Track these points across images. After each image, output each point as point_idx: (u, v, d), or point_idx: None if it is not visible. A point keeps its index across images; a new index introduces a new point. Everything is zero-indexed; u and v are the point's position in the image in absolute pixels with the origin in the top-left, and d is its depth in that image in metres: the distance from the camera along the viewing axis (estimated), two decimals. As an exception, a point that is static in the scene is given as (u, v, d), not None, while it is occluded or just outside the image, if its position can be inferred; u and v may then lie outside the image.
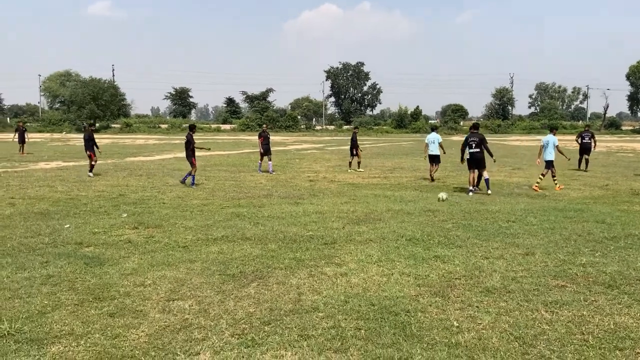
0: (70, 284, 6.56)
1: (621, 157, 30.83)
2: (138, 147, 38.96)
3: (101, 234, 9.32)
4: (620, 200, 13.43)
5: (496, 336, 5.01)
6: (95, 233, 9.40)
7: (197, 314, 5.58)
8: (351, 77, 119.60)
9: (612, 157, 30.43)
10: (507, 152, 35.72)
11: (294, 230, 9.60)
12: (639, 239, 8.95)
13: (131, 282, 6.65)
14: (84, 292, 6.26)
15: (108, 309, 5.71)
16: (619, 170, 22.22)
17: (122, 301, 5.95)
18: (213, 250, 8.18)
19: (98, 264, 7.40)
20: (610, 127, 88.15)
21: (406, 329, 5.16)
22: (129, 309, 5.71)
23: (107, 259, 7.71)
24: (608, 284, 6.52)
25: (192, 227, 9.95)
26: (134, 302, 5.92)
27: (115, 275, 6.93)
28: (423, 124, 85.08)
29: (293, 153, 33.81)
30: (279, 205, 12.46)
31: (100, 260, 7.60)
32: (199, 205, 12.43)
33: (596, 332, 5.10)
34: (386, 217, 10.90)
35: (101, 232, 9.51)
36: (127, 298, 6.06)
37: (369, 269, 7.22)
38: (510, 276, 6.85)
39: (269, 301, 5.96)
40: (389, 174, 20.58)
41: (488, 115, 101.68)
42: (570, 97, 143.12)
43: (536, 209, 11.83)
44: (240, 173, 20.25)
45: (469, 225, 10.06)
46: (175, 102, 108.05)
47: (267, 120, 79.67)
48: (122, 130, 73.50)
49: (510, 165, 24.60)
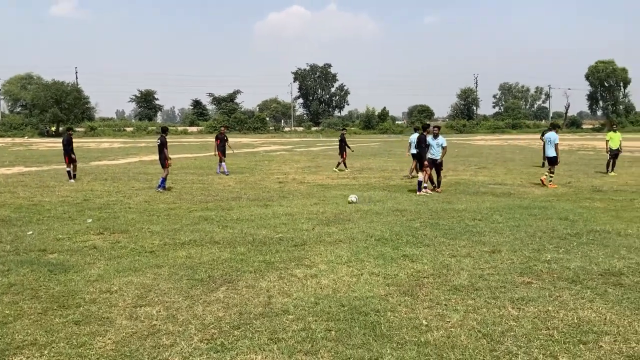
0: (34, 292, 6.39)
1: (582, 155, 31.61)
2: (103, 151, 38.26)
3: (65, 240, 9.11)
4: (582, 197, 13.77)
5: (464, 334, 5.07)
6: (60, 239, 9.19)
7: (165, 320, 5.50)
8: (319, 78, 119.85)
9: (573, 155, 31.17)
10: (472, 151, 36.27)
11: (263, 233, 9.55)
12: (600, 234, 9.18)
13: (97, 288, 6.51)
14: (48, 300, 6.11)
15: (73, 316, 5.58)
16: (580, 168, 22.78)
17: (88, 308, 5.83)
18: (181, 255, 8.08)
19: (62, 271, 7.23)
20: (571, 126, 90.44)
21: (376, 329, 5.19)
22: (95, 317, 5.59)
23: (71, 265, 7.54)
24: (572, 280, 6.67)
25: (159, 231, 9.81)
26: (100, 309, 5.80)
27: (81, 282, 6.78)
28: (390, 124, 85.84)
29: (262, 155, 33.68)
30: (247, 208, 12.38)
31: (65, 267, 7.42)
32: (165, 210, 12.27)
33: (561, 327, 5.20)
34: (355, 218, 10.94)
35: (65, 238, 9.30)
36: (92, 305, 5.93)
37: (339, 269, 7.23)
38: (478, 274, 6.95)
39: (239, 305, 5.91)
40: (357, 174, 20.67)
41: (453, 116, 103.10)
42: (533, 97, 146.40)
43: (501, 207, 12.04)
44: (208, 176, 20.07)
45: (436, 224, 10.17)
46: (140, 105, 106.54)
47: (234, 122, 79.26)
48: (86, 134, 72.02)
49: (476, 164, 24.98)
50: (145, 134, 75.95)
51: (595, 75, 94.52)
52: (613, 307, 5.70)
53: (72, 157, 18.51)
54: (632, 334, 5.02)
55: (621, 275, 6.80)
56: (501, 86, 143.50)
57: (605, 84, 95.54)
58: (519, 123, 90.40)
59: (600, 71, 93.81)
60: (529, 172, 20.93)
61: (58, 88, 74.77)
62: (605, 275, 6.82)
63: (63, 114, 73.79)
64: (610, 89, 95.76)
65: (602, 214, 11.22)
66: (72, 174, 18.41)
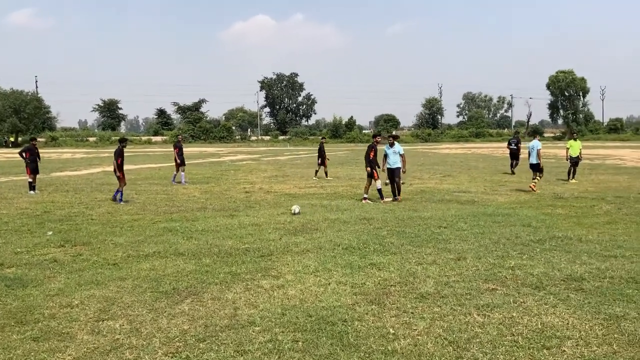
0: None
1: (544, 162, 32.23)
2: (64, 162, 37.42)
3: (24, 254, 8.85)
4: (544, 204, 14.06)
5: (431, 341, 5.09)
6: (18, 253, 8.92)
7: (128, 334, 5.37)
8: (285, 87, 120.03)
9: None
10: (437, 160, 36.76)
11: (229, 244, 9.45)
12: (562, 241, 9.38)
13: (57, 303, 6.33)
14: (5, 316, 5.90)
15: (32, 332, 5.40)
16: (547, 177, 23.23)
17: (47, 324, 5.65)
18: (144, 267, 7.92)
19: (21, 286, 7.01)
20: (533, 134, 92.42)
21: (343, 338, 5.17)
22: (55, 332, 5.42)
23: (30, 279, 7.31)
24: (535, 286, 6.78)
25: (122, 243, 9.62)
26: (60, 325, 5.63)
27: (40, 296, 6.58)
28: (357, 133, 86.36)
29: (228, 164, 33.43)
30: (213, 219, 12.25)
31: (23, 282, 7.20)
32: (129, 221, 12.04)
33: (525, 332, 5.27)
34: (323, 227, 10.93)
35: (24, 251, 9.03)
36: (52, 320, 5.76)
37: (306, 279, 7.19)
38: (444, 281, 7.01)
39: (204, 317, 5.82)
40: (325, 183, 20.70)
41: (419, 125, 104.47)
42: (496, 106, 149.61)
43: (466, 215, 12.19)
44: (172, 186, 19.81)
45: (402, 232, 10.24)
46: (103, 115, 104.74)
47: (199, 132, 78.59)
48: (47, 144, 70.28)
49: (441, 172, 25.30)
50: (109, 144, 74.55)
51: (555, 85, 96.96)
52: (575, 312, 5.81)
53: (35, 167, 18.05)
54: (594, 338, 5.11)
55: (582, 281, 6.94)
56: (465, 96, 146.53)
57: (566, 93, 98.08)
58: (483, 132, 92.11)
59: (560, 81, 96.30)
60: (492, 180, 21.30)
61: (17, 97, 73.06)
62: (567, 281, 6.95)
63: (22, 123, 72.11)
64: (570, 98, 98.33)
65: (564, 221, 11.47)
66: (33, 185, 17.93)
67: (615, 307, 5.94)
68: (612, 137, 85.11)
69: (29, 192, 17.52)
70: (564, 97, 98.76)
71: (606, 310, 5.83)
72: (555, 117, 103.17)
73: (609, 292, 6.44)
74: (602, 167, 27.98)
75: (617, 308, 5.90)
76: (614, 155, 38.96)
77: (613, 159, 34.65)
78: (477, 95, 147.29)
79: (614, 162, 32.19)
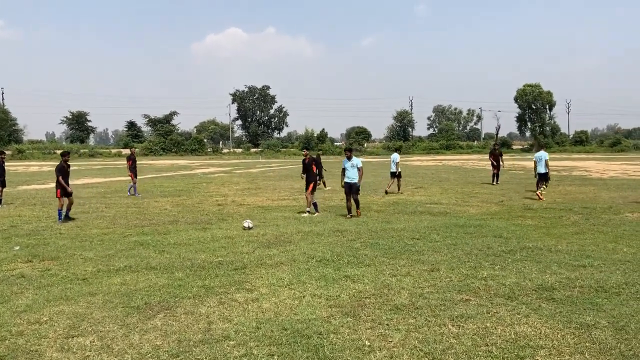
0: (-47, 326, 5.97)
1: (513, 174, 32.86)
2: (31, 175, 36.62)
3: (-11, 270, 8.60)
4: (514, 215, 14.27)
5: (407, 353, 5.10)
6: (-17, 269, 8.66)
7: (99, 350, 5.25)
8: (257, 100, 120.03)
9: (505, 174, 32.32)
10: (409, 172, 37.06)
11: (202, 257, 9.34)
12: (532, 251, 9.53)
13: (25, 320, 6.16)
14: (-31, 334, 5.72)
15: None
16: (512, 187, 23.64)
17: (15, 342, 5.49)
18: (115, 282, 7.77)
19: (-14, 303, 6.80)
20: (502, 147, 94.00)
21: (319, 351, 5.14)
22: (22, 350, 5.27)
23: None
24: (508, 296, 6.86)
25: (92, 257, 9.43)
26: (28, 342, 5.47)
27: (7, 313, 6.40)
28: (329, 146, 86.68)
29: (200, 177, 33.13)
30: (185, 232, 12.10)
31: (-11, 299, 6.98)
32: (99, 235, 11.81)
33: (499, 342, 5.32)
34: (296, 239, 10.89)
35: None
36: (19, 338, 5.59)
37: (281, 292, 7.14)
38: (418, 292, 7.04)
39: (177, 332, 5.72)
40: (298, 195, 20.65)
41: (390, 137, 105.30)
42: (465, 119, 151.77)
43: (439, 226, 12.30)
44: (143, 199, 19.53)
45: (376, 244, 10.27)
46: (72, 127, 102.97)
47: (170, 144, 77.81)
48: (13, 157, 68.68)
49: (413, 184, 25.49)
50: (77, 156, 73.36)
51: (523, 98, 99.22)
52: (547, 322, 5.89)
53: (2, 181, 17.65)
54: (566, 347, 5.19)
55: (553, 290, 7.05)
56: (435, 108, 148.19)
57: (533, 107, 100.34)
58: (453, 144, 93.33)
59: (527, 94, 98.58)
60: (463, 191, 21.55)
61: (-18, 109, 71.50)
62: (538, 291, 7.06)
63: (-12, 136, 70.53)
64: (537, 111, 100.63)
65: (534, 231, 11.66)
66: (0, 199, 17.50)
67: (586, 316, 6.05)
68: (578, 149, 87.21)
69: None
70: (531, 110, 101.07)
71: (577, 319, 5.93)
72: (523, 129, 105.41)
73: (580, 302, 6.56)
74: (569, 178, 28.58)
75: (587, 317, 6.00)
76: (579, 167, 39.89)
77: (579, 171, 35.45)
78: (447, 108, 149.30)
79: (580, 173, 32.92)
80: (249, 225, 12.40)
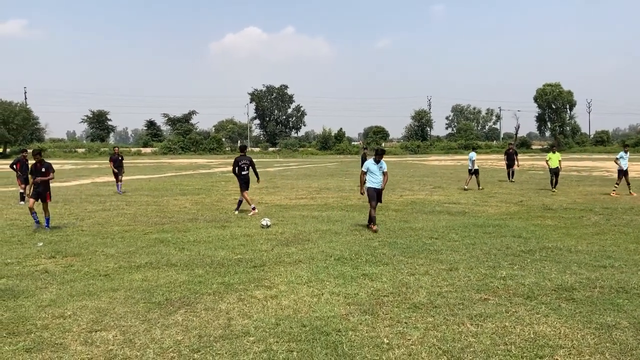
0: (-20, 319, 6.12)
1: (533, 174, 32.58)
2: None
3: (15, 265, 8.78)
4: (534, 215, 14.17)
5: (425, 351, 5.11)
6: (8, 264, 8.85)
7: (121, 345, 5.35)
8: (275, 99, 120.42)
9: (524, 174, 32.08)
10: (427, 171, 36.92)
11: (221, 254, 9.44)
12: (552, 251, 9.46)
13: (49, 314, 6.29)
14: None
15: (24, 344, 5.36)
16: (531, 187, 23.45)
17: (40, 335, 5.61)
18: (137, 278, 7.89)
19: (12, 297, 6.96)
20: (521, 147, 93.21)
21: (338, 348, 5.17)
22: (48, 343, 5.39)
23: (21, 290, 7.26)
24: (527, 295, 6.83)
25: (114, 254, 9.57)
26: (53, 335, 5.59)
27: (32, 307, 6.54)
28: (347, 145, 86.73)
29: (218, 176, 33.36)
30: (205, 230, 12.22)
31: (15, 293, 7.14)
32: (120, 232, 11.98)
33: (518, 341, 5.31)
34: (314, 238, 10.94)
35: (15, 262, 8.96)
36: (45, 331, 5.72)
37: (299, 290, 7.20)
38: (436, 291, 7.04)
39: (198, 328, 5.80)
40: (315, 194, 20.71)
41: (408, 137, 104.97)
42: (484, 118, 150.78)
43: (457, 226, 12.26)
44: (163, 197, 19.73)
45: (394, 243, 10.27)
46: (92, 126, 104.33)
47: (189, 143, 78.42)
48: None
49: (431, 184, 25.42)
50: (98, 155, 74.33)
51: (543, 98, 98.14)
52: (567, 322, 5.86)
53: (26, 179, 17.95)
54: (586, 347, 5.16)
55: (573, 290, 7.01)
56: (454, 108, 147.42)
57: (553, 106, 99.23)
58: (472, 144, 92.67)
59: (547, 94, 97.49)
60: (482, 191, 21.42)
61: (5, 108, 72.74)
62: (558, 291, 7.02)
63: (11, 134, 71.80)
64: (557, 110, 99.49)
65: (553, 232, 11.57)
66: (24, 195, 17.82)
67: (607, 316, 6.00)
68: (599, 149, 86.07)
69: (19, 203, 17.41)
70: (551, 110, 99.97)
71: (597, 320, 5.89)
72: (543, 129, 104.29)
73: (600, 302, 6.51)
74: (590, 178, 28.25)
75: (608, 317, 5.96)
76: (600, 167, 39.43)
77: (600, 171, 35.04)
78: (466, 107, 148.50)
79: (601, 174, 32.51)
80: (267, 224, 12.47)
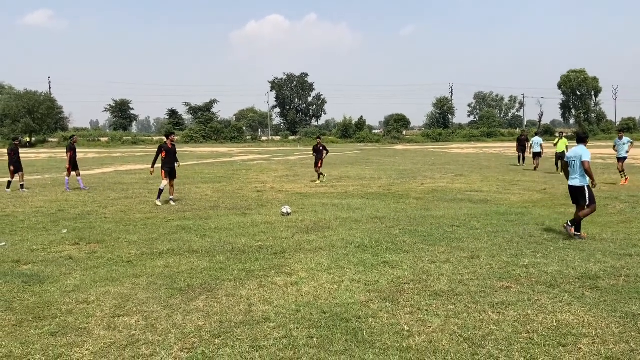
0: (8, 304, 6.25)
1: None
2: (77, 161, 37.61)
3: (40, 251, 8.94)
4: (557, 204, 13.96)
5: (446, 338, 5.08)
6: (34, 250, 9.01)
7: (144, 330, 5.41)
8: (296, 87, 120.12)
9: (548, 162, 31.62)
10: (449, 159, 36.62)
11: (242, 241, 9.49)
12: (575, 239, 9.31)
13: (73, 299, 6.39)
14: (23, 311, 5.98)
15: (49, 328, 5.46)
16: (555, 175, 23.12)
17: (65, 319, 5.71)
18: (159, 265, 7.98)
19: (37, 282, 7.09)
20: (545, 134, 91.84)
21: (358, 335, 5.17)
22: (72, 327, 5.48)
23: (47, 276, 7.39)
24: (550, 284, 6.74)
25: (136, 241, 9.69)
26: (77, 320, 5.68)
27: (56, 293, 6.65)
28: (367, 133, 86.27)
29: (239, 164, 33.53)
30: (226, 217, 12.29)
31: (40, 278, 7.27)
32: (142, 219, 12.11)
33: (541, 330, 5.25)
34: (335, 225, 10.94)
35: (40, 249, 9.12)
36: (69, 316, 5.81)
37: (320, 277, 7.20)
38: (457, 279, 6.99)
39: (219, 314, 5.85)
40: (335, 182, 20.69)
41: (429, 125, 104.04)
42: (507, 106, 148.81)
43: (479, 214, 12.15)
44: (184, 185, 19.88)
45: (415, 231, 10.22)
46: (115, 115, 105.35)
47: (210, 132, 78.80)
48: (59, 144, 70.74)
49: (453, 172, 25.21)
50: (120, 144, 75.20)
51: (567, 85, 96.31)
52: (590, 310, 5.78)
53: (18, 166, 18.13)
54: (610, 336, 5.09)
55: (597, 279, 6.90)
56: (476, 95, 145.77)
57: (577, 93, 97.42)
58: (494, 131, 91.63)
59: (572, 80, 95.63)
60: (504, 179, 21.18)
61: (30, 98, 73.81)
62: (582, 279, 6.91)
63: (36, 124, 72.89)
64: (582, 97, 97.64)
65: (577, 220, 11.37)
66: (20, 183, 18.15)
67: (632, 305, 5.90)
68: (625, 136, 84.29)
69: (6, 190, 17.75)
70: (575, 97, 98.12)
71: (622, 309, 5.79)
72: (567, 116, 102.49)
73: (625, 291, 6.40)
74: (615, 166, 27.69)
75: (633, 306, 5.86)
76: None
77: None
78: (489, 94, 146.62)
79: (627, 161, 31.86)
80: (287, 211, 12.49)
